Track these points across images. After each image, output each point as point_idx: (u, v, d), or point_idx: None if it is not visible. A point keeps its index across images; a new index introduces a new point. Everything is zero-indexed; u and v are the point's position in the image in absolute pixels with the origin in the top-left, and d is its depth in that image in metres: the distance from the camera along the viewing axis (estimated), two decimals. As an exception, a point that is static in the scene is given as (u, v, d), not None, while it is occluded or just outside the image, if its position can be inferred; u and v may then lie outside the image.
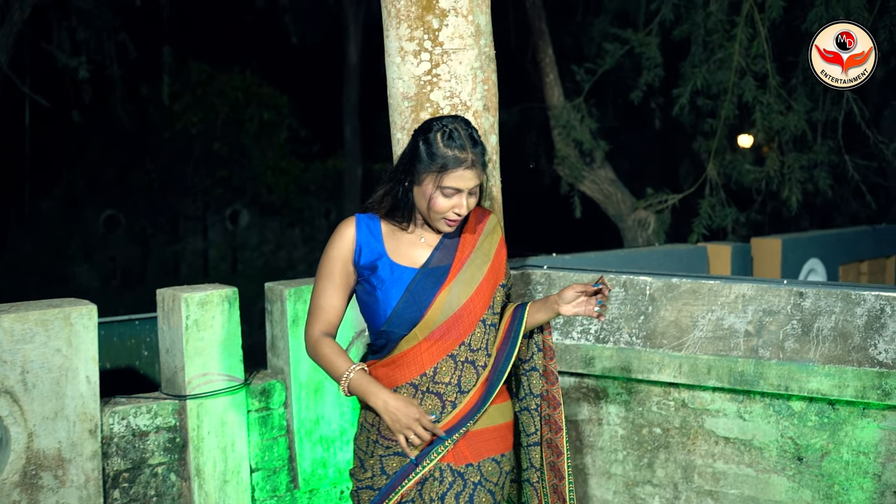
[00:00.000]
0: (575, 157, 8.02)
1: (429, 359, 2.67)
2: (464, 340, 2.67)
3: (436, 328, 2.65)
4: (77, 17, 8.68)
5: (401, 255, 2.70)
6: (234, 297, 3.63)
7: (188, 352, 3.50)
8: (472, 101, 3.42)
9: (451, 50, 3.37)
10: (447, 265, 2.69)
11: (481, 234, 2.77)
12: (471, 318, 2.68)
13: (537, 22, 8.23)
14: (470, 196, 2.63)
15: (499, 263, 2.77)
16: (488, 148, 3.49)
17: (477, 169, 2.61)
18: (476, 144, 2.62)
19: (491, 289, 2.72)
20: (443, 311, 2.65)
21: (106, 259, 13.79)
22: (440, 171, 2.57)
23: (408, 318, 2.65)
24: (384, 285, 2.67)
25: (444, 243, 2.72)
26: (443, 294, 2.66)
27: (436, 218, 2.64)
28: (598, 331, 3.95)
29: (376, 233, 2.71)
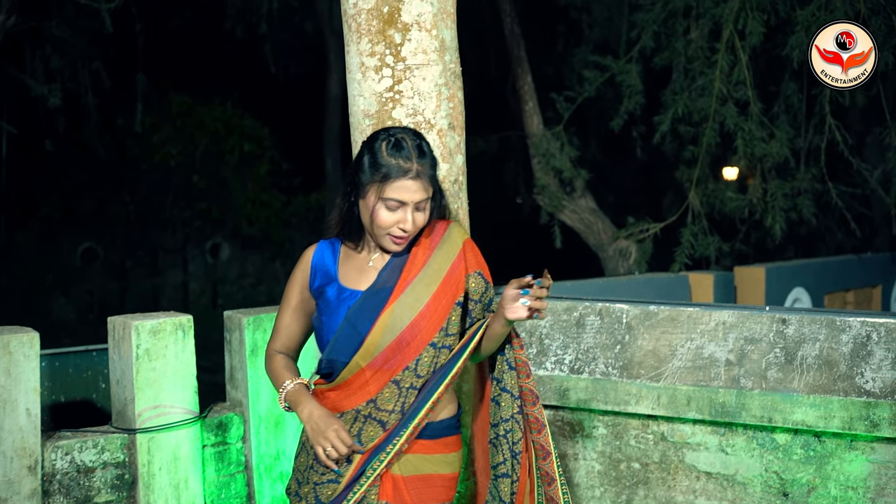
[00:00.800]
0: (555, 186, 7.90)
1: (374, 386, 2.51)
2: (408, 365, 2.50)
3: (378, 354, 2.49)
4: (52, 44, 8.56)
5: (350, 278, 2.59)
6: (188, 326, 3.44)
7: (139, 382, 3.30)
8: (437, 118, 3.27)
9: (414, 66, 3.22)
10: (390, 286, 2.53)
11: (434, 249, 2.59)
12: (417, 341, 2.50)
13: (516, 49, 8.15)
14: (416, 211, 2.49)
15: (456, 278, 2.57)
16: (454, 168, 3.34)
17: (422, 181, 2.46)
18: (423, 156, 2.48)
19: (443, 308, 2.54)
20: (384, 336, 2.49)
21: (83, 292, 13.55)
22: (382, 180, 2.43)
23: (348, 343, 2.50)
24: (328, 309, 2.57)
25: (391, 263, 2.57)
26: (383, 317, 2.50)
27: (380, 234, 2.50)
28: (573, 361, 3.79)
29: (334, 257, 2.61)
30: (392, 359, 2.49)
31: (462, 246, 2.61)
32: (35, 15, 8.39)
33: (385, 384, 2.50)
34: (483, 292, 2.59)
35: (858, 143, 8.37)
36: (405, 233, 2.48)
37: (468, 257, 2.59)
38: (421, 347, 2.50)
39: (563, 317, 3.93)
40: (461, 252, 2.59)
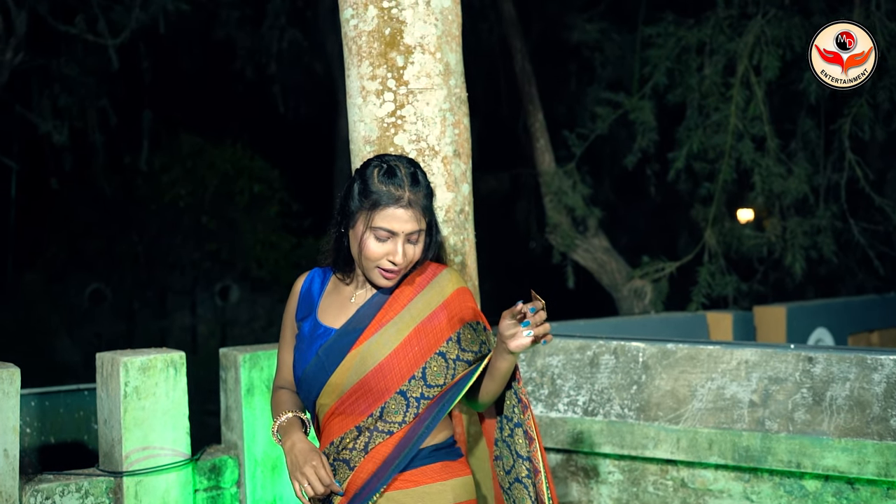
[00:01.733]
0: (567, 224, 7.74)
1: (337, 428, 2.37)
2: (371, 413, 2.33)
3: (343, 394, 2.34)
4: (59, 82, 8.53)
5: (329, 313, 2.44)
6: (180, 363, 3.27)
7: (126, 422, 3.12)
8: (441, 145, 3.11)
9: (417, 90, 3.08)
10: (363, 326, 2.38)
11: (421, 290, 2.42)
12: (381, 388, 2.33)
13: (527, 86, 8.05)
14: (408, 243, 2.33)
15: (434, 328, 2.38)
16: (460, 197, 3.18)
17: (415, 211, 2.31)
18: (417, 184, 2.33)
19: (415, 356, 2.35)
20: (348, 377, 2.33)
21: (90, 334, 13.41)
22: (371, 208, 2.29)
23: (316, 381, 2.36)
24: (301, 345, 2.43)
25: (371, 301, 2.42)
26: (349, 358, 2.34)
27: (369, 267, 2.34)
28: (587, 402, 3.59)
29: (320, 287, 2.49)
30: (356, 402, 2.34)
31: (449, 296, 2.42)
32: (43, 52, 8.38)
33: (349, 428, 2.35)
34: (482, 342, 2.42)
35: (879, 179, 8.19)
36: (395, 266, 2.32)
37: (455, 308, 2.41)
38: (387, 394, 2.32)
39: (576, 356, 3.74)
40: (445, 303, 2.41)
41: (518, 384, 2.44)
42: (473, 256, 3.29)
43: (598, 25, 8.92)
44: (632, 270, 7.69)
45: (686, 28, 7.28)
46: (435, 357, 2.35)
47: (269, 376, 3.50)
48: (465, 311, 2.42)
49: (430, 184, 2.42)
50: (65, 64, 8.37)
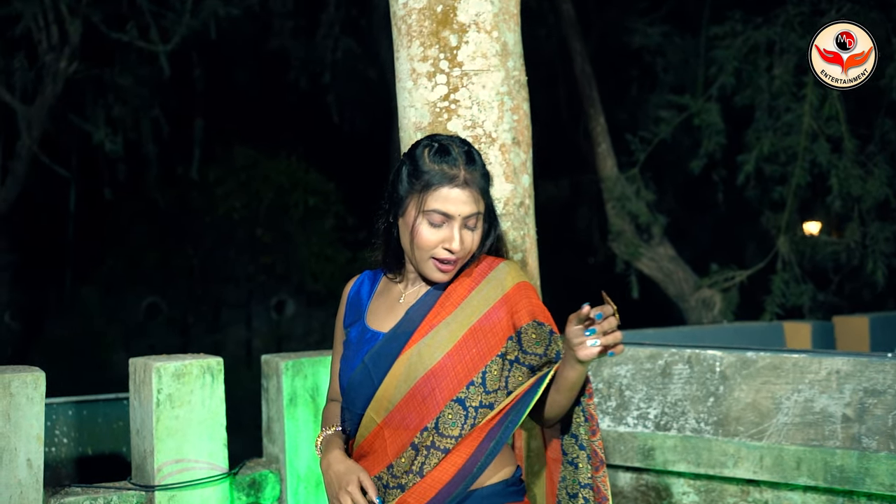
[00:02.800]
0: (631, 232, 7.41)
1: (392, 449, 2.08)
2: (426, 426, 2.05)
3: (393, 408, 2.07)
4: (114, 92, 8.50)
5: (378, 317, 2.20)
6: (217, 369, 3.04)
7: (159, 432, 2.90)
8: (499, 132, 2.85)
9: (472, 71, 2.82)
10: (412, 329, 2.11)
11: (474, 288, 2.15)
12: (437, 395, 2.05)
13: (587, 89, 7.76)
14: (465, 229, 2.07)
15: (494, 327, 2.10)
16: (519, 189, 2.91)
17: (472, 191, 2.05)
18: (472, 163, 2.08)
19: (473, 359, 2.07)
20: (398, 387, 2.07)
21: (145, 348, 13.40)
22: (423, 189, 2.04)
23: (362, 392, 2.11)
24: (348, 352, 2.20)
25: (422, 300, 2.15)
26: (398, 365, 2.08)
27: (422, 258, 2.09)
28: (659, 416, 3.28)
29: (370, 290, 2.26)
30: (408, 415, 2.06)
31: (509, 290, 2.14)
32: (97, 62, 8.36)
33: (404, 448, 2.07)
34: (547, 344, 2.13)
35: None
36: (452, 254, 2.06)
37: (516, 304, 2.13)
38: (442, 403, 2.05)
39: (647, 365, 3.43)
40: (504, 297, 2.13)
41: (588, 400, 2.15)
42: (535, 254, 3.01)
43: (660, 29, 8.62)
44: (699, 280, 7.33)
45: (754, 27, 6.94)
46: (496, 360, 2.08)
47: (314, 385, 3.27)
48: (527, 308, 2.13)
49: (487, 167, 2.17)
50: (118, 73, 8.33)
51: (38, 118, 7.93)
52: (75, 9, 7.38)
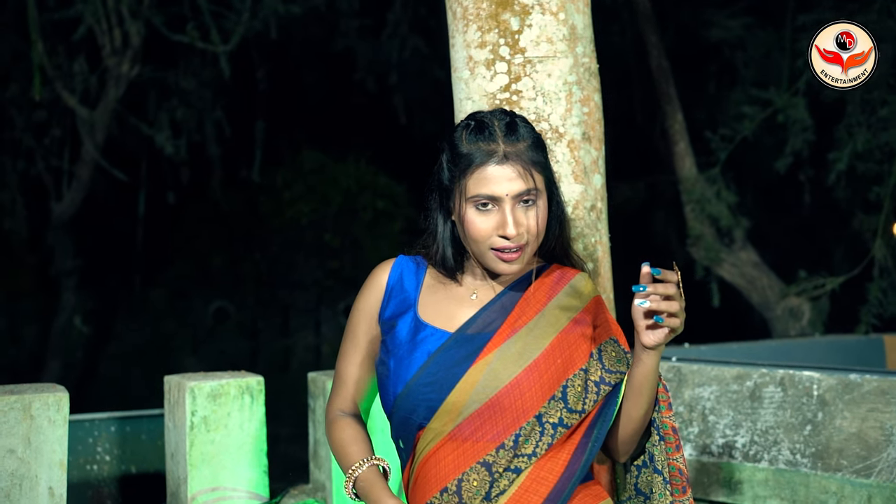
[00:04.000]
0: (711, 236, 7.00)
1: (452, 466, 1.79)
2: (503, 443, 1.78)
3: (463, 420, 1.79)
4: (177, 95, 8.42)
5: (436, 312, 1.90)
6: (257, 389, 2.79)
7: (192, 458, 2.66)
8: (567, 126, 2.53)
9: (535, 58, 2.51)
10: (492, 331, 1.84)
11: (556, 294, 1.91)
12: (517, 409, 1.79)
13: (664, 85, 7.36)
14: (520, 208, 1.81)
15: (577, 337, 1.86)
16: (590, 191, 2.58)
17: (517, 165, 1.80)
18: (514, 133, 1.82)
19: (557, 371, 1.82)
20: (474, 396, 1.79)
21: (215, 353, 13.38)
22: (463, 174, 1.81)
23: (424, 399, 1.81)
24: (399, 350, 1.88)
25: (499, 301, 1.89)
26: (475, 370, 1.80)
27: (480, 251, 1.84)
28: (747, 444, 2.92)
29: (416, 280, 1.96)
30: (480, 429, 1.79)
31: (589, 303, 1.92)
32: (159, 64, 8.31)
33: (469, 466, 1.78)
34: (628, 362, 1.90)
35: None
36: (509, 241, 1.81)
37: (596, 319, 1.91)
38: (523, 419, 1.79)
39: (733, 387, 3.08)
40: (586, 310, 1.91)
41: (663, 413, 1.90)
42: (608, 263, 2.68)
43: (741, 21, 8.16)
44: (786, 287, 6.88)
45: (847, 14, 6.45)
46: (579, 374, 1.84)
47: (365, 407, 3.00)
48: (605, 324, 1.92)
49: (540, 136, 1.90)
50: (182, 77, 8.26)
51: (102, 122, 7.90)
52: (136, 11, 7.31)
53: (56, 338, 9.78)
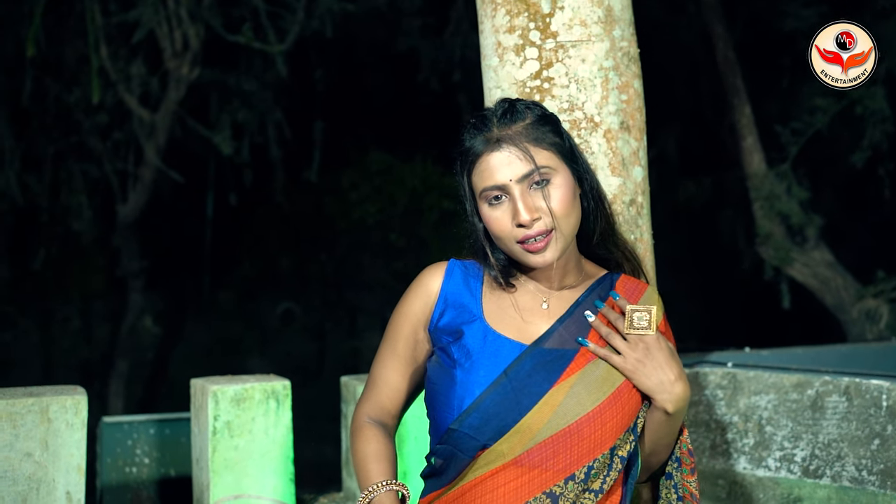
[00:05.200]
0: (781, 235, 6.71)
1: (514, 494, 1.63)
2: (573, 474, 1.64)
3: (535, 445, 1.64)
4: (239, 97, 8.47)
5: (503, 321, 1.76)
6: (283, 393, 2.69)
7: (215, 464, 2.58)
8: (603, 115, 2.36)
9: (568, 43, 2.35)
10: (573, 349, 1.71)
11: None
12: (593, 440, 1.65)
13: (731, 77, 7.09)
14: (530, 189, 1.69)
15: None
16: (629, 184, 2.41)
17: (515, 147, 1.68)
18: (510, 116, 1.72)
19: (636, 403, 1.71)
20: (553, 420, 1.64)
21: (282, 354, 13.48)
22: (469, 171, 1.74)
23: (495, 418, 1.65)
24: (469, 361, 1.72)
25: (574, 313, 1.75)
26: (555, 393, 1.66)
27: (511, 250, 1.73)
28: (808, 459, 2.70)
29: (473, 287, 1.81)
30: (552, 458, 1.64)
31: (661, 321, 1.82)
32: (218, 66, 8.36)
33: (535, 495, 1.63)
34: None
35: None
36: (527, 228, 1.68)
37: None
38: (598, 450, 1.65)
39: (793, 395, 2.86)
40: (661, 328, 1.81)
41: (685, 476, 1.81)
42: (650, 262, 2.50)
43: (816, 10, 7.80)
44: (862, 288, 6.55)
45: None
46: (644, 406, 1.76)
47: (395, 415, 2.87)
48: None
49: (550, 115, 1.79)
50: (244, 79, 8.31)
51: (163, 125, 7.99)
52: (195, 13, 7.36)
53: (124, 338, 9.95)
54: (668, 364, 1.70)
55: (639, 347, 1.70)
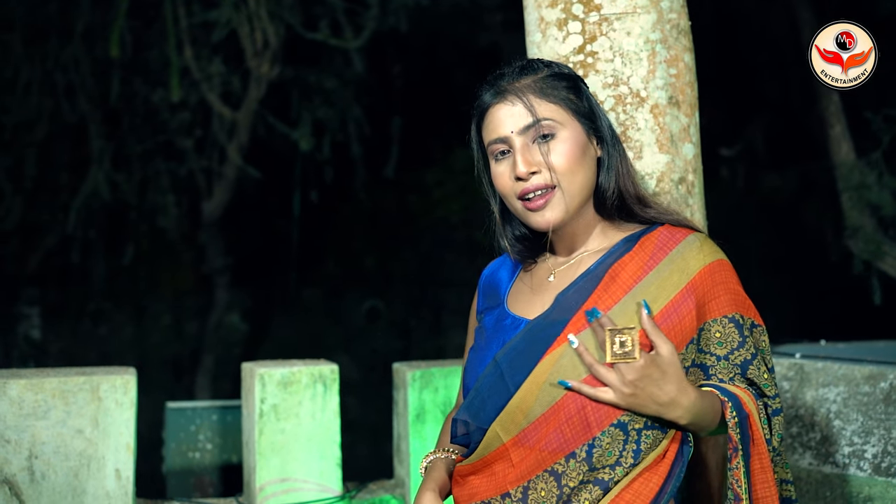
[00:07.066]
0: (871, 227, 6.39)
1: (515, 473, 1.58)
2: (574, 451, 1.54)
3: (528, 425, 1.57)
4: (319, 95, 8.57)
5: (519, 300, 1.74)
6: (331, 378, 2.68)
7: (261, 447, 2.58)
8: (650, 90, 2.27)
9: (612, 15, 2.27)
10: (566, 318, 1.61)
11: (656, 265, 1.63)
12: (586, 416, 1.55)
13: (819, 65, 6.78)
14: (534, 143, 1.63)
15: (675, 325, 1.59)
16: (679, 161, 2.31)
17: (517, 97, 1.62)
18: (522, 71, 1.67)
19: None
20: (539, 398, 1.57)
21: (367, 351, 13.59)
22: (479, 127, 1.70)
23: (490, 401, 1.62)
24: (479, 343, 1.74)
25: (582, 281, 1.66)
26: (542, 367, 1.58)
27: (515, 209, 1.68)
28: (880, 455, 2.56)
29: (512, 271, 1.82)
30: (549, 435, 1.56)
31: (695, 276, 1.60)
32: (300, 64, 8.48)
33: (536, 474, 1.57)
34: (736, 347, 1.59)
35: None
36: (524, 181, 1.62)
37: (705, 295, 1.60)
38: (596, 428, 1.55)
39: (864, 388, 2.71)
40: (691, 285, 1.60)
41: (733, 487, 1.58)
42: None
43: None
44: (960, 284, 6.18)
45: None
46: None
47: (446, 400, 2.83)
48: (719, 297, 1.61)
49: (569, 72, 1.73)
50: (325, 77, 8.41)
51: (245, 123, 8.14)
52: (274, 12, 7.49)
53: (211, 334, 10.19)
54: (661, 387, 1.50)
55: (627, 377, 1.50)
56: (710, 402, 1.54)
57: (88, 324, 11.27)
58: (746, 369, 1.58)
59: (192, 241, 10.62)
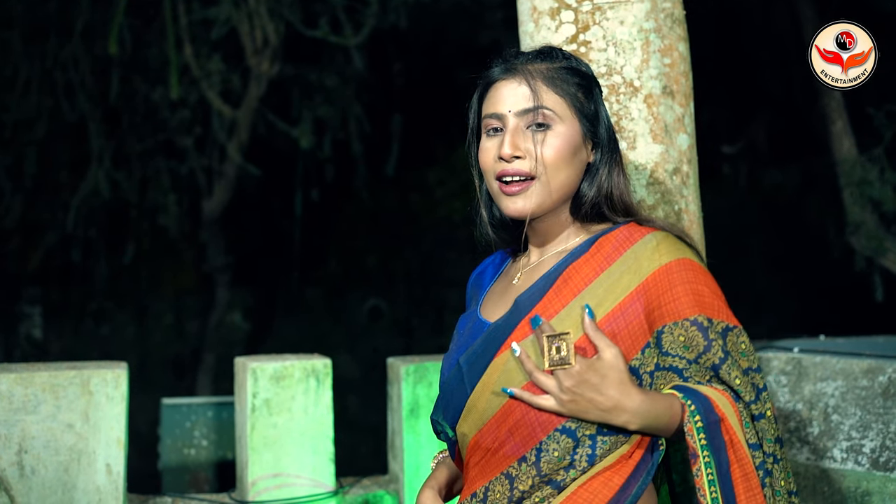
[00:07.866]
0: (873, 223, 6.36)
1: (481, 472, 1.58)
2: (524, 455, 1.53)
3: (483, 426, 1.58)
4: (321, 93, 8.55)
5: (491, 302, 1.73)
6: (324, 372, 2.66)
7: (254, 442, 2.57)
8: (643, 79, 2.25)
9: (606, 4, 2.25)
10: (517, 320, 1.59)
11: (609, 267, 1.58)
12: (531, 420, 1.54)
13: (820, 61, 6.74)
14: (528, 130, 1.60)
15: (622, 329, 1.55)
16: (673, 152, 2.29)
17: (525, 79, 1.59)
18: (540, 55, 1.64)
19: None
20: (490, 400, 1.57)
21: (369, 350, 13.58)
22: (481, 95, 1.66)
23: (453, 399, 1.63)
24: (450, 346, 1.75)
25: (538, 284, 1.63)
26: (494, 367, 1.58)
27: (492, 189, 1.65)
28: (878, 450, 2.53)
29: (496, 270, 1.82)
30: (505, 439, 1.55)
31: (647, 277, 1.55)
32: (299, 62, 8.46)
33: (495, 475, 1.57)
34: (703, 350, 1.52)
35: None
36: (506, 162, 1.59)
37: (658, 298, 1.54)
38: (541, 432, 1.52)
39: (862, 382, 2.69)
40: (642, 287, 1.55)
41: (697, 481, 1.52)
42: (699, 234, 2.37)
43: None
44: (962, 280, 6.13)
45: None
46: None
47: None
48: (676, 301, 1.54)
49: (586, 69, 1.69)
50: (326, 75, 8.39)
51: (245, 121, 8.13)
52: (274, 10, 7.47)
53: (212, 333, 10.17)
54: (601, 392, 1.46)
55: (564, 383, 1.48)
56: (667, 405, 1.49)
57: (90, 323, 11.27)
58: (718, 372, 1.52)
59: (192, 240, 10.62)
